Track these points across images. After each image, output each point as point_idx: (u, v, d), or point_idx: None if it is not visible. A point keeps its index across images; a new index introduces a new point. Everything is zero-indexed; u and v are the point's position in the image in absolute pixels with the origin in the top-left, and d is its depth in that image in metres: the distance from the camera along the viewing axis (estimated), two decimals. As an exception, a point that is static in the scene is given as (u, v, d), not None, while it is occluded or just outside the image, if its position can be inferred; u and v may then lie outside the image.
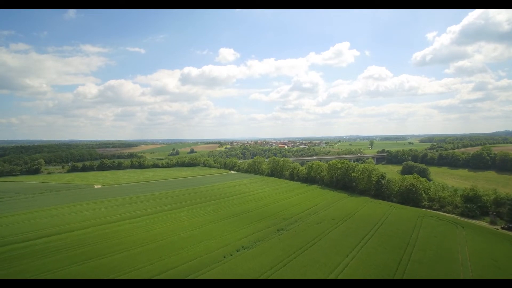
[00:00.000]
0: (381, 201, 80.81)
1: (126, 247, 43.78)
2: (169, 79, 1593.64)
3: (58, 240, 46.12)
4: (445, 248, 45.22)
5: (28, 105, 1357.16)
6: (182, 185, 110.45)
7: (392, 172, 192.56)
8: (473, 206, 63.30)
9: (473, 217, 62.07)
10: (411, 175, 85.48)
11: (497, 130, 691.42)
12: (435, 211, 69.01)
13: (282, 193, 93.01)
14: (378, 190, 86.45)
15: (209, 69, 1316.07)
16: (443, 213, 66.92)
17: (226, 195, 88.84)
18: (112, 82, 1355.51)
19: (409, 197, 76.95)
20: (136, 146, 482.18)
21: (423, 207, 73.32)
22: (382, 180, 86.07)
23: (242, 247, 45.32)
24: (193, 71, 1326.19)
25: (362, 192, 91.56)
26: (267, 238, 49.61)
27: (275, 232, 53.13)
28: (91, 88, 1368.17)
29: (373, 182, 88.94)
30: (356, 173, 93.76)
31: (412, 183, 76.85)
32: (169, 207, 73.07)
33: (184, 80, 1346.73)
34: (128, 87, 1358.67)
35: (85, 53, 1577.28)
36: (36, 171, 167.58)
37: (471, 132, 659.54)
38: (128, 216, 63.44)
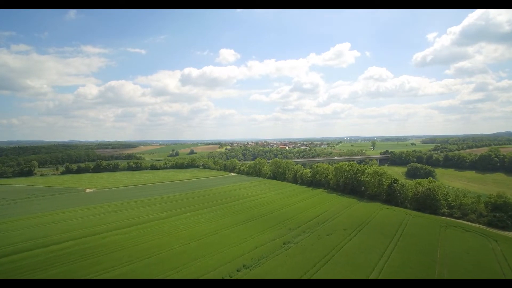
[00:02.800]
0: (395, 208, 74.20)
1: (105, 267, 37.15)
2: (169, 79, 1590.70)
3: (28, 258, 39.35)
4: (483, 269, 38.49)
5: (28, 106, 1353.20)
6: (181, 189, 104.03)
7: (396, 173, 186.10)
8: (502, 215, 56.55)
9: (503, 228, 55.24)
10: (426, 179, 79.04)
11: (498, 131, 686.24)
12: (457, 220, 62.31)
13: (286, 198, 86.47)
14: (390, 195, 79.80)
15: (210, 70, 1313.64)
16: (466, 222, 60.22)
17: (227, 200, 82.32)
18: (112, 83, 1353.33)
19: (426, 204, 70.31)
20: (136, 147, 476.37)
21: (443, 214, 66.68)
22: (395, 185, 79.41)
23: (244, 266, 38.80)
24: (193, 71, 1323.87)
25: (372, 197, 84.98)
26: (272, 254, 43.04)
27: (281, 246, 46.58)
28: (91, 89, 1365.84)
29: (385, 187, 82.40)
30: (366, 177, 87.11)
31: (429, 188, 70.23)
32: (166, 214, 66.64)
33: (185, 81, 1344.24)
34: (129, 87, 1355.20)
35: (86, 54, 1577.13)
36: (29, 173, 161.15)
37: (472, 133, 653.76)
38: (117, 226, 56.85)
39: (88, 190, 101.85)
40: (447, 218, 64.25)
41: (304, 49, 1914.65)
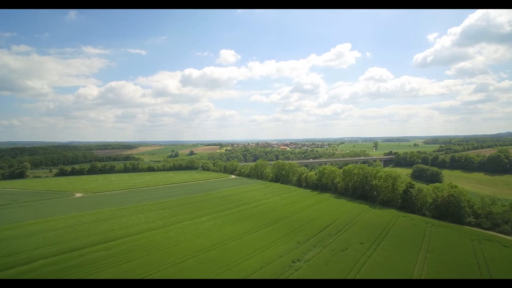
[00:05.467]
0: (412, 216, 67.12)
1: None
2: (170, 80, 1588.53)
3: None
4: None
5: (29, 107, 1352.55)
6: (179, 192, 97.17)
7: (402, 175, 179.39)
8: (543, 227, 49.67)
9: (545, 243, 48.36)
10: (446, 184, 71.98)
11: (499, 132, 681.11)
12: (488, 231, 55.06)
13: (292, 203, 79.42)
14: (406, 202, 72.66)
15: (210, 71, 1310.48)
16: (500, 235, 53.06)
17: (227, 206, 75.30)
18: (113, 83, 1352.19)
19: (448, 212, 63.19)
20: (135, 147, 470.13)
21: (468, 224, 59.56)
22: (411, 190, 72.30)
23: (248, 294, 31.80)
24: (194, 72, 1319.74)
25: (386, 203, 77.87)
26: (280, 277, 36.04)
27: (289, 265, 39.60)
28: (92, 90, 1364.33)
29: (399, 192, 75.32)
30: (378, 181, 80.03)
31: (452, 194, 63.11)
32: (162, 222, 59.90)
33: (185, 81, 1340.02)
34: (129, 88, 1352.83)
35: (87, 55, 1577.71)
36: (21, 175, 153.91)
37: (473, 134, 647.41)
38: (103, 239, 49.72)
39: (78, 195, 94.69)
40: (475, 228, 57.12)
41: (304, 50, 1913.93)
